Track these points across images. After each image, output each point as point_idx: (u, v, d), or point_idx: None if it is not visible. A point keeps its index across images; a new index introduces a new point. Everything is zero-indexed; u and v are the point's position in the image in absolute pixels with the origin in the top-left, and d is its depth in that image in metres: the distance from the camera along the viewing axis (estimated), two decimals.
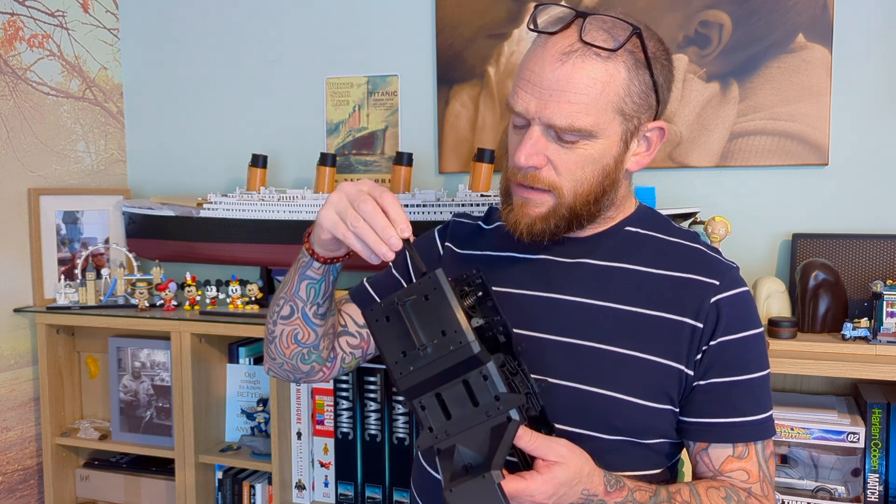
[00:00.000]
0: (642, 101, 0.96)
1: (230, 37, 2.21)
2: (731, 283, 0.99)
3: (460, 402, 0.83)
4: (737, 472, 0.99)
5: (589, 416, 0.96)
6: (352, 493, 1.82)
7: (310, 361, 1.08)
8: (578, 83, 0.92)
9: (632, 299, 0.99)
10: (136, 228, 2.16)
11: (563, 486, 0.87)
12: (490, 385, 0.82)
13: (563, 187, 0.97)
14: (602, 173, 0.97)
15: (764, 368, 1.01)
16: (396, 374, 0.86)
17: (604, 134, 0.95)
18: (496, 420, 0.82)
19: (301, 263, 1.01)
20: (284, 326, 1.04)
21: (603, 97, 0.93)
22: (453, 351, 0.82)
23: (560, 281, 1.03)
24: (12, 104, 2.01)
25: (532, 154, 0.95)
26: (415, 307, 0.85)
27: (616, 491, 0.92)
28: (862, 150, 1.69)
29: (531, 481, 0.85)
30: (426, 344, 0.83)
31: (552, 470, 0.86)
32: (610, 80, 0.93)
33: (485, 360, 0.82)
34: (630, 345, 0.97)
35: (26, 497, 2.06)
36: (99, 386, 2.14)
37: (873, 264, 1.63)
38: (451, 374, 0.83)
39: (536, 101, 0.94)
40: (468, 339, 0.82)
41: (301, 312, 1.02)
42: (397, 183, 1.92)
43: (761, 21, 1.72)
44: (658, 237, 1.05)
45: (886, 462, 1.48)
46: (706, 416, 0.98)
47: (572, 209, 0.98)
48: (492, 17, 1.92)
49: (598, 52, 0.92)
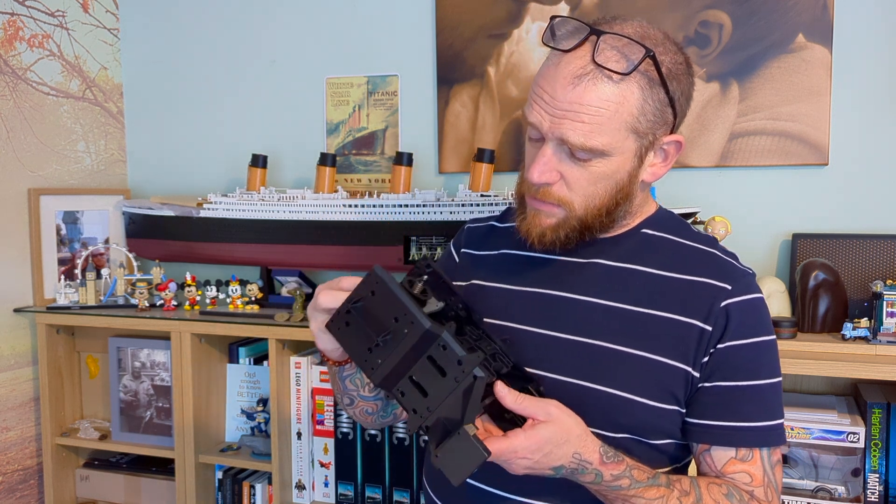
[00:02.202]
0: (657, 118, 0.96)
1: (230, 37, 2.21)
2: (744, 288, 0.99)
3: (431, 377, 0.87)
4: (739, 475, 0.98)
5: (594, 413, 0.97)
6: (352, 493, 1.82)
7: (388, 415, 1.21)
8: (591, 104, 0.92)
9: (642, 300, 1.00)
10: (136, 228, 2.16)
11: (548, 444, 0.87)
12: (450, 353, 0.86)
13: (573, 202, 0.99)
14: (615, 188, 0.98)
15: (774, 376, 1.00)
16: (368, 371, 0.90)
17: (617, 152, 0.96)
18: (465, 383, 0.85)
19: (334, 372, 1.12)
20: (353, 410, 1.18)
21: (616, 118, 0.93)
22: (408, 333, 0.86)
23: (571, 280, 1.04)
24: (12, 104, 2.01)
25: (545, 171, 0.97)
26: (365, 306, 0.90)
27: (613, 463, 0.91)
28: (862, 150, 1.69)
29: (514, 439, 0.86)
30: (384, 335, 0.88)
31: (537, 427, 0.87)
32: (623, 101, 0.93)
33: (437, 331, 0.86)
34: (638, 345, 0.98)
35: (26, 497, 2.06)
36: (99, 386, 2.14)
37: (873, 264, 1.63)
38: (415, 355, 0.87)
39: (550, 118, 0.95)
40: (417, 317, 0.86)
41: (358, 397, 1.15)
42: (397, 183, 1.92)
43: (761, 21, 1.72)
44: (674, 240, 1.05)
45: (886, 462, 1.48)
46: (709, 419, 0.98)
47: (583, 221, 1.00)
48: (492, 17, 1.92)
49: (610, 75, 0.92)
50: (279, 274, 2.02)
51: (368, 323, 0.89)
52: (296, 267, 2.00)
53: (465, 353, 0.85)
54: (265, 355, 1.97)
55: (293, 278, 1.99)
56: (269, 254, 2.01)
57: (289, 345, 1.85)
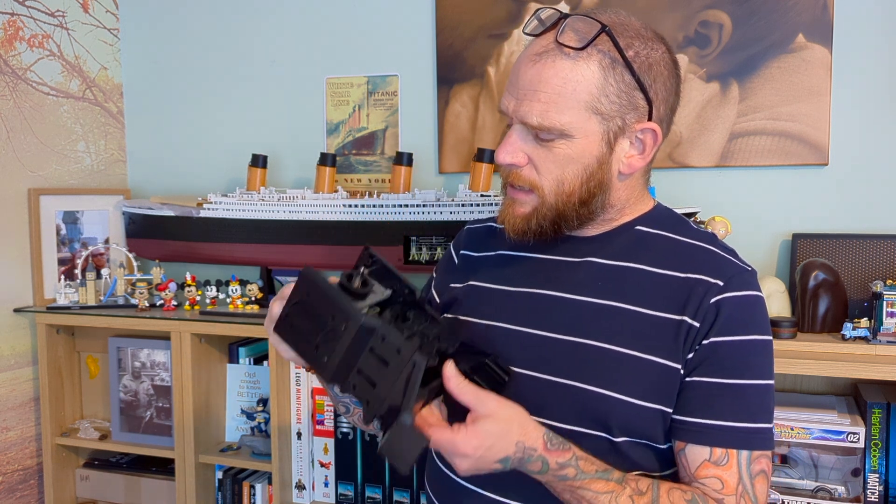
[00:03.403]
0: (623, 101, 0.95)
1: (230, 37, 2.21)
2: (738, 284, 0.96)
3: (377, 368, 0.86)
4: (710, 480, 0.93)
5: (587, 414, 0.96)
6: (352, 493, 1.82)
7: None
8: (548, 82, 0.94)
9: (636, 299, 0.98)
10: (136, 228, 2.16)
11: (488, 439, 0.87)
12: (388, 343, 0.85)
13: (543, 186, 0.99)
14: (584, 174, 0.97)
15: (763, 377, 0.96)
16: (318, 369, 0.91)
17: (579, 133, 0.95)
18: (406, 370, 0.85)
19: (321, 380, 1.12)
20: (351, 417, 1.22)
21: (574, 95, 0.93)
22: (346, 329, 0.86)
23: (565, 279, 1.03)
24: (12, 104, 2.01)
25: (511, 151, 0.99)
26: (302, 308, 0.91)
27: (558, 451, 0.90)
28: (862, 150, 1.69)
29: (457, 434, 0.86)
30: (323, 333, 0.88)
31: (478, 423, 0.87)
32: (581, 78, 0.93)
33: (373, 324, 0.86)
34: (631, 344, 0.96)
35: (26, 497, 2.06)
36: (99, 386, 2.14)
37: (873, 264, 1.63)
38: (357, 349, 0.87)
39: (515, 100, 0.97)
40: (350, 313, 0.86)
41: (352, 403, 1.18)
42: (397, 183, 1.92)
43: (761, 21, 1.72)
44: (671, 237, 1.03)
45: (886, 462, 1.48)
46: (687, 415, 0.95)
47: (556, 209, 0.99)
48: (492, 17, 1.92)
49: (567, 52, 0.93)
50: (279, 274, 2.02)
51: (310, 322, 0.90)
52: (296, 267, 2.00)
53: (405, 340, 0.85)
54: (265, 355, 1.97)
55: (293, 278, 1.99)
56: (268, 254, 2.01)
57: None
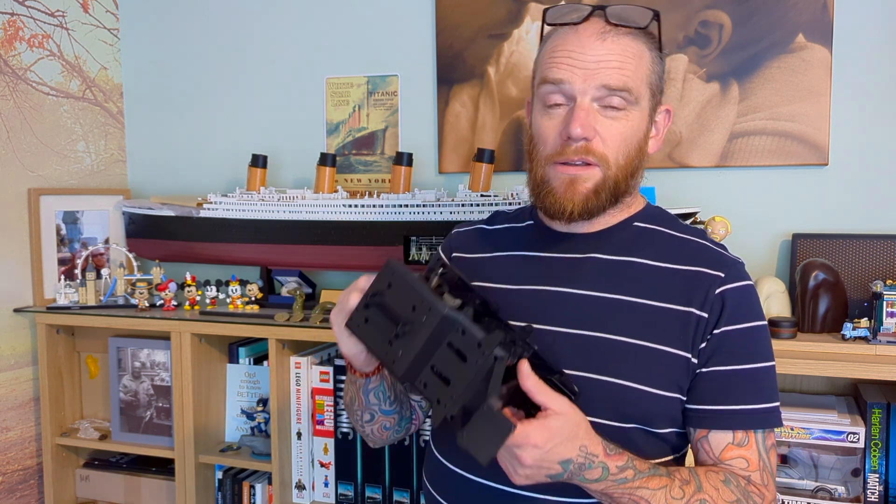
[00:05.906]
0: (661, 81, 1.05)
1: (230, 37, 2.21)
2: (736, 275, 1.02)
3: (452, 364, 0.85)
4: (736, 460, 1.00)
5: (601, 404, 0.99)
6: (352, 493, 1.82)
7: (401, 430, 1.22)
8: (622, 52, 1.00)
9: (641, 291, 1.02)
10: (136, 228, 2.16)
11: (558, 435, 0.88)
12: (469, 336, 0.84)
13: (609, 158, 1.02)
14: (637, 148, 1.03)
15: (768, 360, 1.02)
16: (390, 364, 0.90)
17: (641, 103, 1.02)
18: (486, 365, 0.84)
19: (359, 385, 1.11)
20: (372, 427, 1.18)
21: (641, 68, 1.01)
22: (426, 320, 0.85)
23: (570, 276, 1.06)
24: (12, 104, 2.01)
25: (587, 124, 0.99)
26: (383, 300, 0.90)
27: (616, 455, 0.93)
28: (862, 150, 1.69)
29: (528, 425, 0.87)
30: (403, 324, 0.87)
31: (549, 417, 0.88)
32: (643, 54, 1.02)
33: (455, 315, 0.85)
34: (640, 335, 1.00)
35: (26, 497, 2.06)
36: (99, 386, 2.14)
37: (873, 264, 1.63)
38: (434, 343, 0.86)
39: (583, 72, 0.99)
40: (434, 303, 0.85)
41: (379, 412, 1.16)
42: (397, 183, 1.92)
43: (761, 21, 1.72)
44: (666, 232, 1.09)
45: (886, 462, 1.48)
46: (708, 403, 1.00)
47: (616, 182, 1.03)
48: (492, 17, 1.92)
49: (628, 31, 1.00)
50: (279, 274, 2.02)
51: (387, 316, 0.89)
52: (296, 267, 2.00)
53: (486, 335, 0.84)
54: (265, 355, 1.97)
55: (293, 278, 2.00)
56: (268, 254, 2.01)
57: (289, 345, 1.85)
